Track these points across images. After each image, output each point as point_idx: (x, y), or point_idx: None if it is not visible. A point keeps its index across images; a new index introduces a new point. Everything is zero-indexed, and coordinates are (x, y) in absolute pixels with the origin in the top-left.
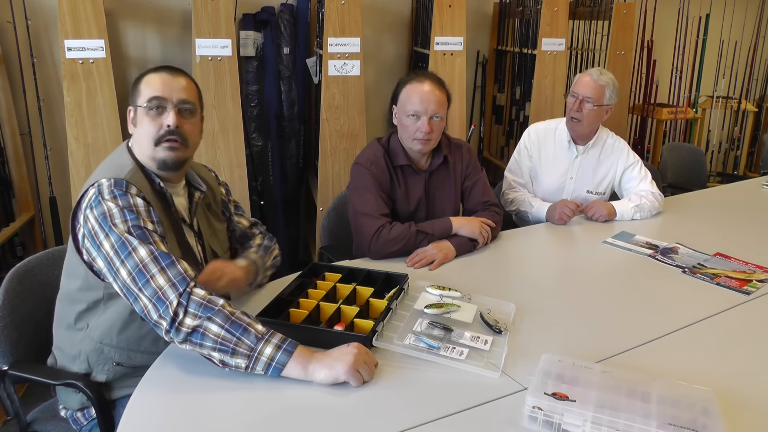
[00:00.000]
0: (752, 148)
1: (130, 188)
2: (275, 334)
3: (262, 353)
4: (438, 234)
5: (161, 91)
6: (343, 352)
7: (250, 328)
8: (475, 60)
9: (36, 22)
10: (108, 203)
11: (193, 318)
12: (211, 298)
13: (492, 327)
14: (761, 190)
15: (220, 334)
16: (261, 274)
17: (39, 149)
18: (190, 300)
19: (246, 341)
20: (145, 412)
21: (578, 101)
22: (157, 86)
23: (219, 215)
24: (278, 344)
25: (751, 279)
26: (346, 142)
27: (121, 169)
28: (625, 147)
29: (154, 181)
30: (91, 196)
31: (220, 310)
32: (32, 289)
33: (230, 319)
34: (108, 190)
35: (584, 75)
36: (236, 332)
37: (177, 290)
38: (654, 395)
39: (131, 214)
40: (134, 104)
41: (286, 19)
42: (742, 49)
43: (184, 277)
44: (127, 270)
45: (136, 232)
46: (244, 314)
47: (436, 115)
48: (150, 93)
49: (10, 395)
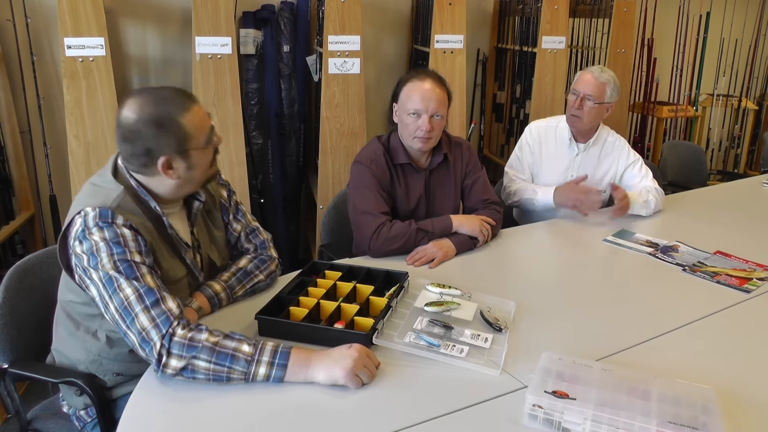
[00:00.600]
0: (752, 146)
1: (116, 218)
2: (264, 350)
3: (257, 375)
4: (438, 232)
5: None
6: (343, 355)
7: (237, 353)
8: (476, 58)
9: (36, 20)
10: (94, 237)
11: (178, 359)
12: (192, 335)
13: (492, 325)
14: (761, 188)
15: (210, 368)
16: (225, 303)
17: (39, 147)
18: (172, 342)
19: (237, 368)
20: (145, 410)
21: (579, 99)
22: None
23: (219, 221)
24: (270, 361)
25: (751, 277)
26: (347, 140)
27: (106, 196)
28: (626, 145)
29: (149, 203)
30: (78, 228)
31: (203, 347)
32: (32, 287)
33: (215, 351)
34: (93, 221)
35: (585, 72)
36: (225, 363)
37: (160, 331)
38: (654, 393)
39: (118, 248)
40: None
41: (286, 17)
42: (742, 47)
43: (167, 317)
44: (114, 306)
45: (122, 266)
46: (228, 338)
47: (436, 114)
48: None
49: (10, 393)
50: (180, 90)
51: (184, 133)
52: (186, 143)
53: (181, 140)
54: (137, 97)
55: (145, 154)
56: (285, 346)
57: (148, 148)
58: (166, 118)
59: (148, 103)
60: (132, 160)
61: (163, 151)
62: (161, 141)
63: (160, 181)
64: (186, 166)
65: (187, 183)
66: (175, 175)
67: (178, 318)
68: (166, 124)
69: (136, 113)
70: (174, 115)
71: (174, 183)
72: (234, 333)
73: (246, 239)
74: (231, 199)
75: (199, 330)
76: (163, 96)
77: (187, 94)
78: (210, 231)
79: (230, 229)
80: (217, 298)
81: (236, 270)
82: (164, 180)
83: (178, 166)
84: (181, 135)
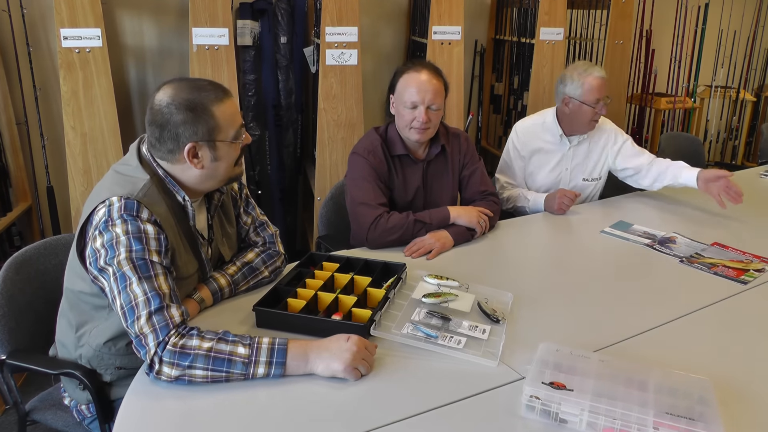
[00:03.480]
0: (750, 137)
1: (141, 211)
2: (260, 350)
3: (256, 375)
4: (436, 223)
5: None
6: (342, 348)
7: (234, 357)
8: (473, 49)
9: (32, 11)
10: (116, 229)
11: (170, 367)
12: (184, 343)
13: (490, 316)
14: (759, 179)
15: (208, 375)
16: (227, 297)
17: (36, 139)
18: (165, 350)
19: (235, 372)
20: (142, 407)
21: (603, 105)
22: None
23: (232, 217)
24: (268, 361)
25: (748, 269)
26: (344, 131)
27: (133, 185)
28: (610, 126)
29: (176, 195)
30: (101, 216)
31: (197, 355)
32: (30, 278)
33: (210, 357)
34: (118, 213)
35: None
36: (222, 368)
37: (157, 338)
38: (651, 384)
39: (137, 244)
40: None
41: (283, 8)
42: (741, 38)
43: (167, 324)
44: (121, 303)
45: (138, 263)
46: (221, 341)
47: (433, 105)
48: None
49: (8, 384)
50: (216, 83)
51: (214, 123)
52: (215, 133)
53: (210, 129)
54: (174, 83)
55: (173, 139)
56: (281, 343)
57: (177, 132)
58: (199, 105)
59: (184, 89)
60: (158, 146)
61: (191, 138)
62: (191, 127)
63: (184, 170)
64: (211, 157)
65: (211, 176)
66: (200, 165)
67: (177, 326)
68: (198, 110)
69: (170, 97)
70: (207, 103)
71: (198, 173)
72: (227, 334)
73: (254, 232)
74: (242, 192)
75: (190, 336)
76: (199, 85)
77: (223, 88)
78: (223, 226)
79: (240, 222)
80: (221, 293)
81: (243, 264)
82: (188, 169)
83: (204, 156)
84: (211, 124)
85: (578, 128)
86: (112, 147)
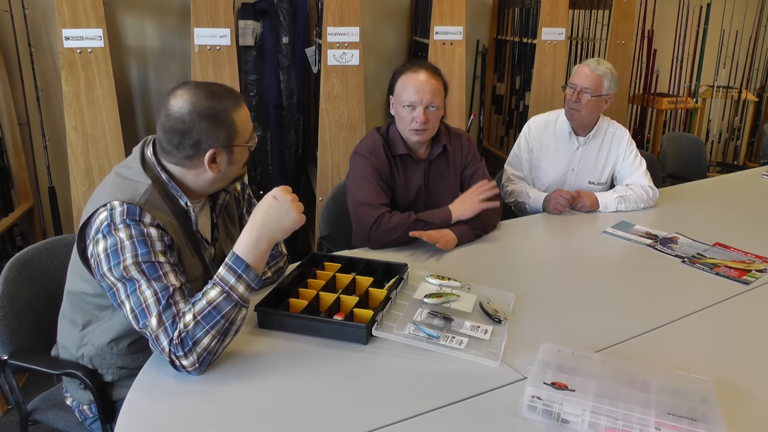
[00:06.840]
0: (752, 138)
1: (144, 216)
2: (225, 278)
3: (243, 296)
4: (438, 223)
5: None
6: (282, 210)
7: (213, 303)
8: (475, 49)
9: (33, 12)
10: (120, 234)
11: (186, 357)
12: (179, 330)
13: (491, 316)
14: (761, 180)
15: (212, 333)
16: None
17: (38, 139)
18: (174, 345)
19: (226, 310)
20: (143, 407)
21: (576, 92)
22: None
23: (235, 218)
24: (237, 277)
25: (750, 269)
26: (346, 131)
27: (135, 190)
28: (626, 136)
29: (179, 199)
30: (103, 221)
31: (191, 329)
32: (31, 278)
33: (199, 321)
34: (120, 218)
35: (582, 66)
36: (215, 318)
37: (168, 336)
38: (653, 385)
39: (143, 247)
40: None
41: (285, 8)
42: (743, 38)
43: (174, 320)
44: (131, 306)
45: (145, 266)
46: (196, 303)
47: (431, 105)
48: None
49: (10, 384)
50: (229, 88)
51: (234, 129)
52: (234, 139)
53: (231, 135)
54: (189, 89)
55: (194, 146)
56: (231, 257)
57: (198, 140)
58: (222, 113)
59: (203, 97)
60: (175, 152)
61: (213, 144)
62: (213, 134)
63: (198, 175)
64: (228, 161)
65: (223, 179)
66: (217, 170)
67: (180, 313)
68: (220, 118)
69: (191, 104)
70: (228, 110)
71: (212, 177)
72: (196, 296)
73: None
74: (244, 192)
75: (180, 321)
76: (216, 91)
77: (237, 93)
78: (227, 226)
79: (243, 222)
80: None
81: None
82: (203, 174)
83: (221, 161)
84: (232, 130)
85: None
86: (113, 147)
